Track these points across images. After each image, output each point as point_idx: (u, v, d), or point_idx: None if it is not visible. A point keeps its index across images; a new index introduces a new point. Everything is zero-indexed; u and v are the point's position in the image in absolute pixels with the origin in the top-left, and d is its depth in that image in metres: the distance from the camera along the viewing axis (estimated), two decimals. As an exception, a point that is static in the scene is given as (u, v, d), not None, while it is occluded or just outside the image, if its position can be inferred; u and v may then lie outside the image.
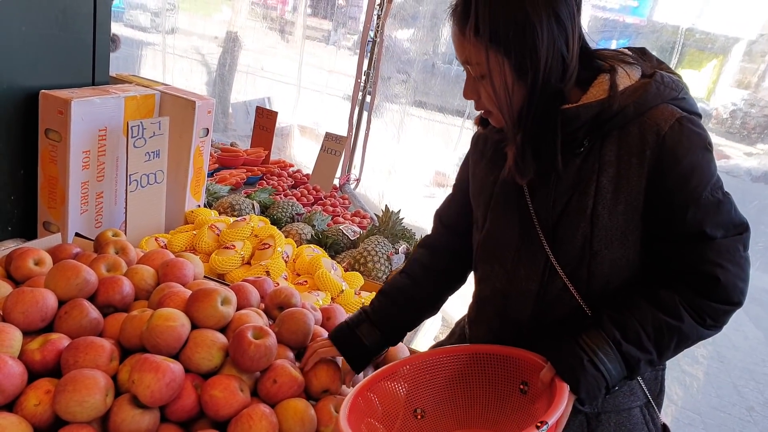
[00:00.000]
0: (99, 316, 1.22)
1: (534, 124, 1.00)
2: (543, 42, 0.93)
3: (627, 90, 0.99)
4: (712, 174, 0.98)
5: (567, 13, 0.95)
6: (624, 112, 0.98)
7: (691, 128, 0.97)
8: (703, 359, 3.85)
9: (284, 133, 5.40)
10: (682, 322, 0.98)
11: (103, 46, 1.80)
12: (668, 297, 0.99)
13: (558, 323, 1.08)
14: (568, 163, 1.03)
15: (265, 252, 1.82)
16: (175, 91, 1.94)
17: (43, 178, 1.67)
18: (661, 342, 0.99)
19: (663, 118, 0.97)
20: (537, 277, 1.08)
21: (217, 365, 1.18)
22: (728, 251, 0.97)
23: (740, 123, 5.73)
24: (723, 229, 0.97)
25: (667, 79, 1.01)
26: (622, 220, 1.00)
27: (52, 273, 1.24)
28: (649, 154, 0.96)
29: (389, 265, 2.17)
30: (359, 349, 1.26)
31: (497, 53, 0.96)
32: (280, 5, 6.50)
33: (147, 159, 1.77)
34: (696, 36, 4.41)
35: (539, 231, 1.07)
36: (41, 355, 1.09)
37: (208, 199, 2.47)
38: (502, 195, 1.13)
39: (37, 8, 1.57)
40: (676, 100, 1.00)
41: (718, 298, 0.97)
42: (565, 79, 0.98)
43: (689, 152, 0.96)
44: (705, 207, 0.96)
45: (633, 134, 0.98)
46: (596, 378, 0.98)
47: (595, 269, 1.03)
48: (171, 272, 1.40)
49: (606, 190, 1.00)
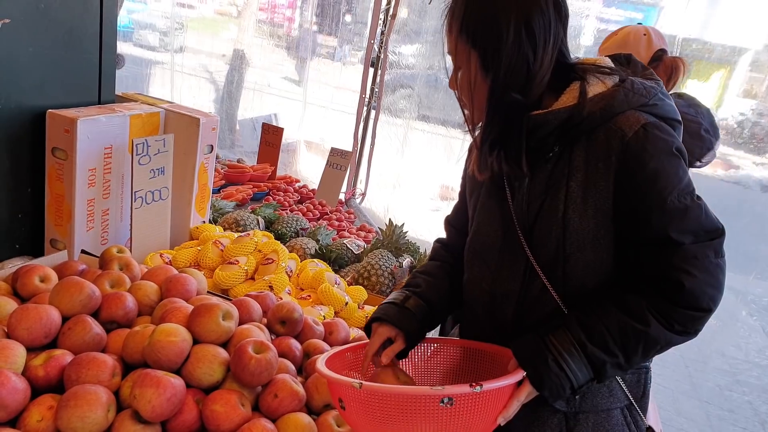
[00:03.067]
0: (102, 331, 1.23)
1: (494, 123, 1.05)
2: (506, 44, 0.98)
3: (596, 97, 1.02)
4: (679, 179, 0.99)
5: (541, 23, 0.99)
6: (591, 118, 1.01)
7: (657, 134, 0.99)
8: (711, 372, 3.80)
9: (290, 148, 5.44)
10: (649, 326, 0.99)
11: (109, 66, 1.83)
12: (635, 301, 1.00)
13: (538, 325, 1.09)
14: (541, 168, 1.07)
15: (269, 267, 1.83)
16: (180, 109, 1.97)
17: (50, 195, 1.69)
18: (628, 346, 1.00)
19: (628, 125, 1.00)
20: (519, 277, 1.11)
21: (219, 380, 1.18)
22: (696, 257, 0.97)
23: (749, 133, 5.70)
24: (691, 235, 0.98)
25: (638, 86, 1.04)
26: (593, 223, 1.03)
27: (56, 290, 1.26)
28: (615, 159, 0.99)
29: (393, 279, 2.17)
30: (413, 323, 1.19)
31: (466, 45, 1.02)
32: (287, 23, 6.58)
33: (152, 176, 1.79)
34: (701, 47, 4.41)
35: (519, 232, 1.10)
36: (44, 371, 1.10)
37: (214, 215, 2.49)
38: (486, 196, 1.18)
39: (45, 29, 1.61)
40: (646, 107, 1.03)
41: (685, 304, 0.98)
42: (529, 87, 1.02)
43: (653, 158, 0.98)
44: (671, 212, 0.98)
45: (600, 140, 1.01)
46: (560, 377, 0.99)
47: (569, 271, 1.06)
48: (174, 288, 1.41)
49: (576, 194, 1.03)
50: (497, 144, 1.05)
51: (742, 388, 3.75)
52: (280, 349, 1.34)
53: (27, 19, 1.55)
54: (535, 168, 1.07)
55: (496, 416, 0.99)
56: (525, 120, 1.03)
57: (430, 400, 0.91)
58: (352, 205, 3.97)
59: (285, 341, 1.38)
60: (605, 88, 1.03)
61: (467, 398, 0.92)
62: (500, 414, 0.99)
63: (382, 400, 0.94)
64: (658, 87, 1.06)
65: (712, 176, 5.94)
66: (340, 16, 5.53)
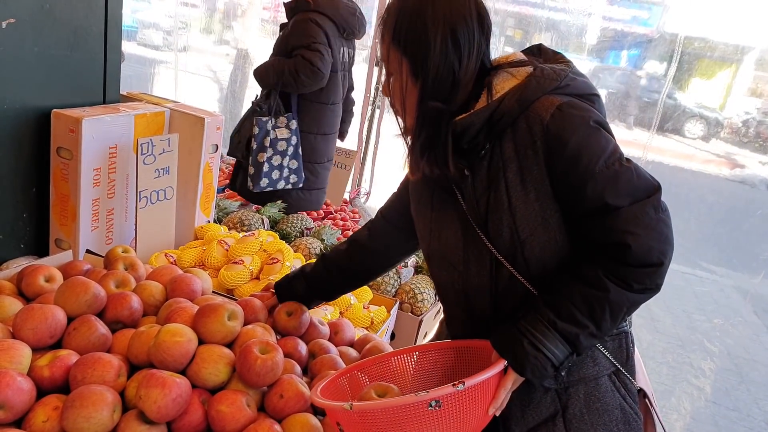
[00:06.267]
0: (107, 332, 1.23)
1: (423, 128, 1.10)
2: (434, 53, 1.05)
3: (511, 91, 1.08)
4: (602, 149, 1.04)
5: (465, 33, 1.06)
6: (510, 111, 1.07)
7: (572, 112, 1.05)
8: (716, 372, 3.78)
9: (295, 148, 5.43)
10: (609, 291, 1.03)
11: (113, 65, 1.83)
12: (590, 270, 1.04)
13: (515, 312, 1.13)
14: (479, 166, 1.13)
15: (274, 267, 1.83)
16: (185, 108, 1.96)
17: (55, 195, 1.69)
18: (594, 314, 1.04)
19: (543, 108, 1.05)
20: (486, 271, 1.16)
21: (224, 380, 1.18)
22: (636, 217, 1.01)
23: (754, 132, 5.67)
24: (628, 197, 1.02)
25: (548, 71, 1.09)
26: (538, 206, 1.08)
27: (61, 290, 1.26)
28: (540, 144, 1.05)
29: (398, 278, 2.17)
30: (294, 299, 1.47)
31: (397, 53, 1.08)
32: (291, 22, 6.58)
33: (157, 176, 1.79)
34: (705, 45, 4.39)
35: (477, 229, 1.14)
36: (50, 371, 1.10)
37: (218, 214, 2.49)
38: (439, 201, 1.23)
39: (49, 30, 1.61)
40: (559, 89, 1.08)
41: (635, 262, 1.02)
42: (454, 92, 1.08)
43: (574, 134, 1.03)
44: (602, 180, 1.02)
45: (522, 129, 1.07)
46: (538, 358, 1.04)
47: (528, 255, 1.10)
48: (179, 288, 1.41)
49: (514, 183, 1.08)
50: (426, 148, 1.11)
51: (748, 388, 3.73)
52: (285, 349, 1.34)
53: (32, 19, 1.55)
54: (474, 167, 1.13)
55: (487, 408, 1.03)
56: (451, 125, 1.08)
57: (419, 406, 0.94)
58: (357, 205, 3.97)
59: (290, 341, 1.38)
60: (518, 81, 1.09)
61: (453, 398, 0.95)
62: (490, 405, 1.03)
63: (373, 416, 0.97)
64: (569, 68, 1.11)
65: (718, 175, 5.92)
66: (344, 16, 5.52)
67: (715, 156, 5.85)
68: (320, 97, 3.01)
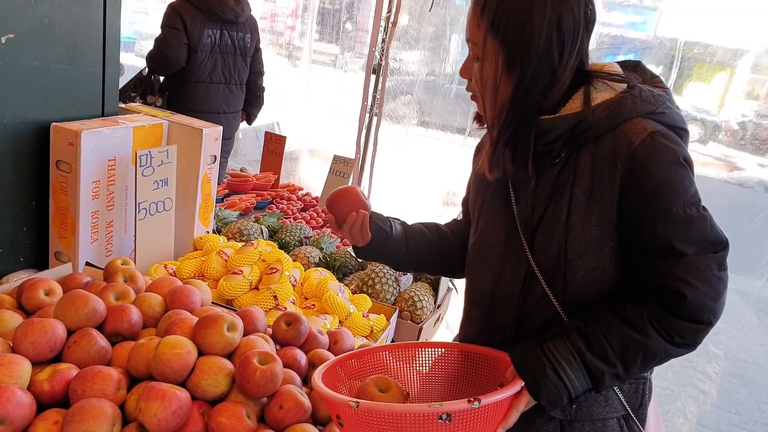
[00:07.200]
0: (107, 344, 1.23)
1: (512, 123, 1.03)
2: (538, 44, 0.97)
3: (603, 104, 1.01)
4: (685, 189, 0.98)
5: (570, 25, 0.97)
6: (598, 125, 1.00)
7: (664, 143, 0.98)
8: (720, 375, 3.77)
9: (293, 156, 5.46)
10: (649, 338, 0.98)
11: (112, 79, 1.85)
12: (636, 312, 0.99)
13: (538, 331, 1.09)
14: (547, 173, 1.06)
15: (273, 276, 1.83)
16: (183, 120, 1.97)
17: (54, 208, 1.70)
18: (627, 356, 0.99)
19: (635, 132, 0.98)
20: (519, 281, 1.10)
21: (224, 392, 1.18)
22: (699, 269, 0.96)
23: (751, 134, 5.69)
24: (695, 246, 0.97)
25: (646, 93, 1.03)
26: (596, 230, 1.02)
27: (60, 303, 1.26)
28: (620, 167, 0.98)
29: (397, 287, 2.17)
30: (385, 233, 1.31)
31: (495, 40, 0.99)
32: (288, 31, 6.61)
33: (155, 187, 1.79)
34: (703, 50, 4.41)
35: (522, 235, 1.09)
36: (50, 385, 1.10)
37: (218, 225, 2.49)
38: (491, 197, 1.17)
39: (49, 44, 1.62)
40: (654, 114, 1.01)
41: (685, 316, 0.97)
42: (550, 89, 1.01)
43: (660, 167, 0.97)
44: (675, 222, 0.97)
45: (606, 147, 1.00)
46: (557, 386, 0.98)
47: (570, 278, 1.05)
48: (178, 299, 1.41)
49: (579, 201, 1.02)
50: (509, 144, 1.05)
51: (750, 391, 3.73)
52: (285, 359, 1.34)
53: (31, 34, 1.56)
54: (541, 172, 1.07)
55: (496, 428, 0.98)
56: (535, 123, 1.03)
57: (429, 417, 0.91)
58: (356, 213, 3.96)
59: (290, 352, 1.38)
60: (613, 95, 1.02)
61: (466, 414, 0.92)
62: (500, 425, 0.99)
63: (379, 418, 0.93)
64: (666, 95, 1.05)
65: (716, 178, 5.93)
66: (341, 25, 5.55)
67: (714, 159, 5.87)
68: (184, 74, 3.41)
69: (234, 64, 3.57)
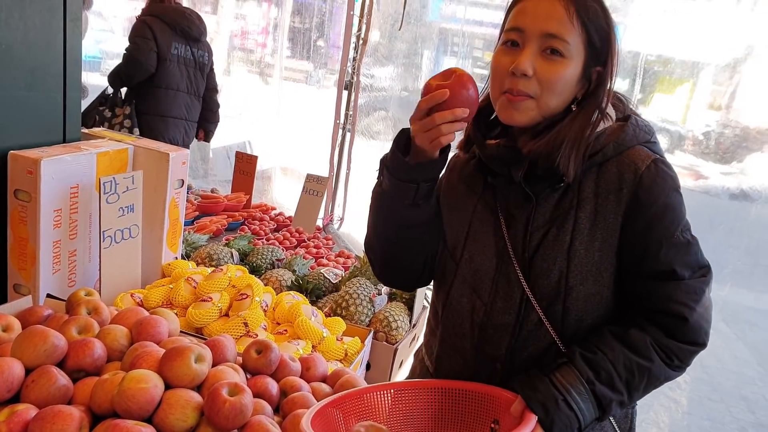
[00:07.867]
0: (69, 382, 1.18)
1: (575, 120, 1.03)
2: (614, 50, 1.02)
3: (607, 129, 1.05)
4: (683, 215, 1.03)
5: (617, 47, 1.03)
6: (604, 150, 1.03)
7: (665, 170, 1.03)
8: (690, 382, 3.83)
9: (265, 175, 5.41)
10: (653, 362, 1.00)
11: (74, 103, 1.80)
12: (640, 337, 1.00)
13: (532, 360, 1.08)
14: (547, 197, 1.06)
15: (243, 302, 1.80)
16: (149, 144, 1.94)
17: (13, 239, 1.64)
18: (632, 383, 1.00)
19: (640, 159, 1.02)
20: (514, 309, 1.09)
21: (192, 425, 1.15)
22: (695, 292, 1.00)
23: (714, 143, 5.86)
24: (690, 270, 1.01)
25: (642, 123, 1.08)
26: (598, 256, 1.03)
27: (18, 340, 1.21)
28: (626, 192, 1.01)
29: (372, 308, 2.15)
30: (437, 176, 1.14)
31: (584, 43, 1.01)
32: (260, 48, 6.60)
33: (121, 214, 1.75)
34: (665, 63, 4.54)
35: (515, 263, 1.08)
36: (7, 428, 1.05)
37: (187, 249, 2.45)
38: (479, 223, 1.15)
39: (5, 70, 1.58)
40: (649, 143, 1.06)
41: (685, 338, 1.00)
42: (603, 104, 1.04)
43: (663, 192, 1.01)
44: (676, 246, 1.00)
45: (611, 172, 1.02)
46: (569, 418, 0.98)
47: (570, 305, 1.05)
48: (145, 330, 1.37)
49: (583, 225, 1.03)
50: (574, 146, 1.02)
51: (721, 397, 3.79)
52: (255, 389, 1.31)
53: (-14, 61, 1.52)
54: (540, 197, 1.06)
55: None
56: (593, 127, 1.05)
57: None
58: (331, 231, 3.95)
59: (261, 381, 1.35)
60: (610, 122, 1.07)
61: None
62: None
63: None
64: (652, 127, 1.10)
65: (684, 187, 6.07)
66: (311, 43, 5.56)
67: (680, 168, 6.01)
68: (153, 80, 3.68)
69: (195, 76, 3.92)
